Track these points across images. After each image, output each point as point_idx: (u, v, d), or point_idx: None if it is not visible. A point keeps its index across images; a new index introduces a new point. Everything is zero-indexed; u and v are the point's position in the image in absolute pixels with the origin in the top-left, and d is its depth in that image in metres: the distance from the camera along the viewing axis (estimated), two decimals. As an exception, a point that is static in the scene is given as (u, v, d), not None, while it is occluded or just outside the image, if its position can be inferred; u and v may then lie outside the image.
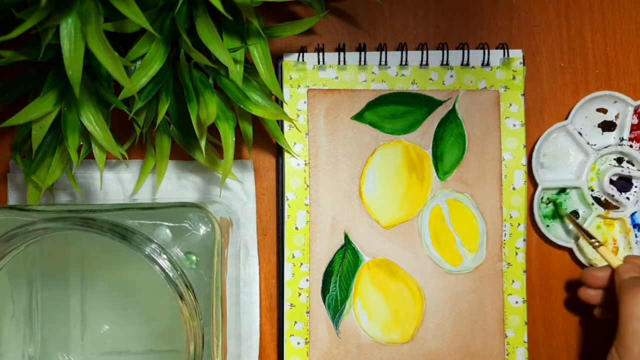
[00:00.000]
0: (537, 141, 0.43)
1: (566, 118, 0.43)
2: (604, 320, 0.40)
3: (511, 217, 0.42)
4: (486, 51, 0.42)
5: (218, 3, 0.30)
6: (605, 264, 0.40)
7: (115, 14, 0.30)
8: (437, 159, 0.42)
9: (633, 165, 0.43)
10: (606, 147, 0.43)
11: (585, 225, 0.43)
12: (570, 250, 0.44)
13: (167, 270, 0.30)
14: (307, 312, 0.42)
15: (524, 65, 0.42)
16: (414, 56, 0.42)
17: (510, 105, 0.42)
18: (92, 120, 0.34)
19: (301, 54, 0.42)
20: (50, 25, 0.29)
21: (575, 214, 0.44)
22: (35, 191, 0.38)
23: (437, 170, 0.42)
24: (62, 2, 0.29)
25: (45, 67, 0.36)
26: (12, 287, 0.37)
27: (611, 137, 0.44)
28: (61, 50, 0.29)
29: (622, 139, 0.43)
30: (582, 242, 0.43)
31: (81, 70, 0.30)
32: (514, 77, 0.42)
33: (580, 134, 0.43)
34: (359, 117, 0.42)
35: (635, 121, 0.43)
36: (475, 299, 0.42)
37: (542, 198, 0.44)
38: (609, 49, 0.44)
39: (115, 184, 0.42)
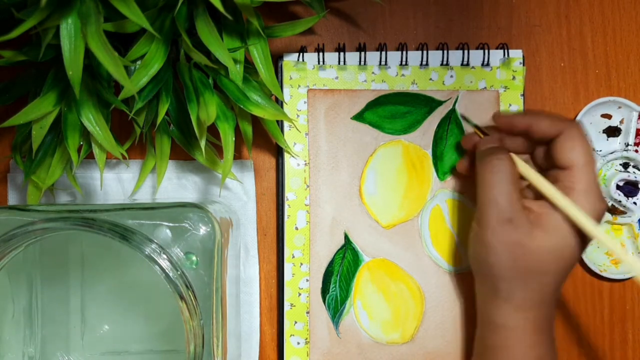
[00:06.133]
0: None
1: (567, 119, 0.43)
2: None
3: (511, 217, 0.42)
4: (486, 51, 0.42)
5: (218, 3, 0.30)
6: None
7: (115, 14, 0.30)
8: (437, 159, 0.42)
9: (639, 170, 0.43)
10: (612, 152, 0.43)
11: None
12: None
13: (167, 270, 0.30)
14: (307, 312, 0.42)
15: (524, 65, 0.42)
16: (414, 56, 0.42)
17: (510, 105, 0.42)
18: (92, 120, 0.34)
19: (301, 54, 0.42)
20: (50, 25, 0.29)
21: None
22: (35, 191, 0.38)
23: (437, 170, 0.42)
24: (62, 2, 0.29)
25: (45, 67, 0.36)
26: (12, 287, 0.37)
27: (616, 143, 0.44)
28: (61, 50, 0.29)
29: (627, 144, 0.43)
30: (590, 248, 0.43)
31: (81, 70, 0.30)
32: (513, 77, 0.42)
33: None
34: (359, 117, 0.42)
35: (640, 126, 0.43)
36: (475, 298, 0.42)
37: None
38: (609, 49, 0.44)
39: (115, 184, 0.42)
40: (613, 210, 0.43)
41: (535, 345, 0.35)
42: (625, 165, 0.44)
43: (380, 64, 0.42)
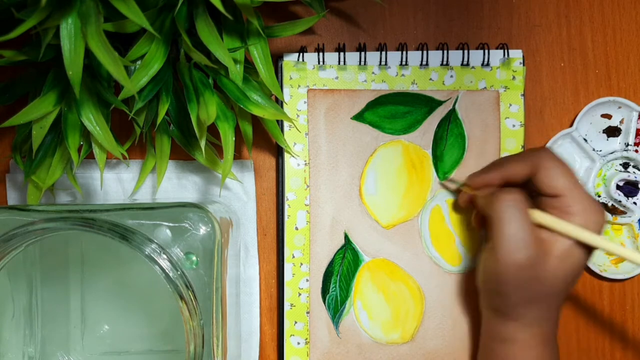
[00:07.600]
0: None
1: (571, 125, 0.43)
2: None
3: (511, 217, 0.42)
4: (486, 51, 0.42)
5: (218, 3, 0.30)
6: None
7: (115, 14, 0.30)
8: (437, 159, 0.42)
9: (639, 170, 0.43)
10: (612, 152, 0.43)
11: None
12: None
13: (167, 270, 0.30)
14: (307, 312, 0.42)
15: (524, 65, 0.42)
16: (414, 56, 0.42)
17: (510, 105, 0.42)
18: (92, 120, 0.34)
19: (301, 54, 0.42)
20: (50, 25, 0.29)
21: None
22: (35, 191, 0.38)
23: (437, 170, 0.42)
24: (62, 2, 0.29)
25: (45, 67, 0.36)
26: (12, 287, 0.37)
27: (616, 143, 0.44)
28: (61, 50, 0.29)
29: (627, 144, 0.43)
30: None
31: (81, 70, 0.30)
32: (513, 77, 0.42)
33: (585, 140, 0.43)
34: (359, 117, 0.42)
35: (640, 126, 0.43)
36: (475, 298, 0.42)
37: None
38: (609, 49, 0.44)
39: (115, 184, 0.42)
40: (613, 210, 0.43)
41: (540, 358, 0.36)
42: (625, 165, 0.44)
43: (380, 64, 0.42)
